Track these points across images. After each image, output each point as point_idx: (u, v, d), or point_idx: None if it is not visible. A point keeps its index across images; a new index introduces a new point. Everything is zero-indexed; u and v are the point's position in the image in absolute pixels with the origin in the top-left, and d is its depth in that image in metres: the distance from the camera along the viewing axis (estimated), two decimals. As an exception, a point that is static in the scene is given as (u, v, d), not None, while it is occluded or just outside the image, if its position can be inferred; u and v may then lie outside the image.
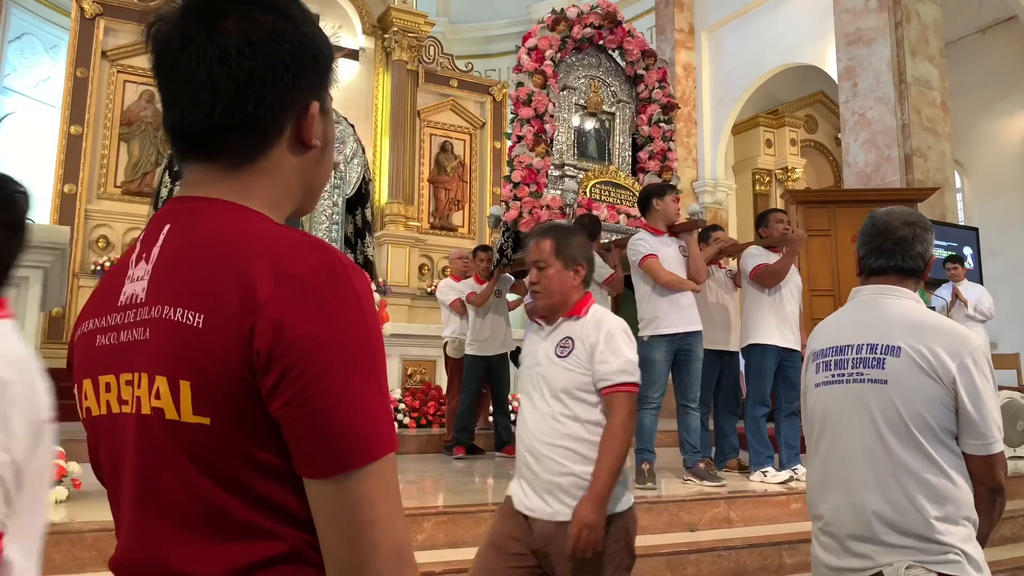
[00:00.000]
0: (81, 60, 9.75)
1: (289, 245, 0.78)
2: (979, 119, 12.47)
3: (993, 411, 1.63)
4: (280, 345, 0.73)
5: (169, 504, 0.79)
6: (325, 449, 0.74)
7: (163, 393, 0.77)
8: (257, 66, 0.83)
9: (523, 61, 6.11)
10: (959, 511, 1.63)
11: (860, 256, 1.86)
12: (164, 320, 0.78)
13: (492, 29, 14.74)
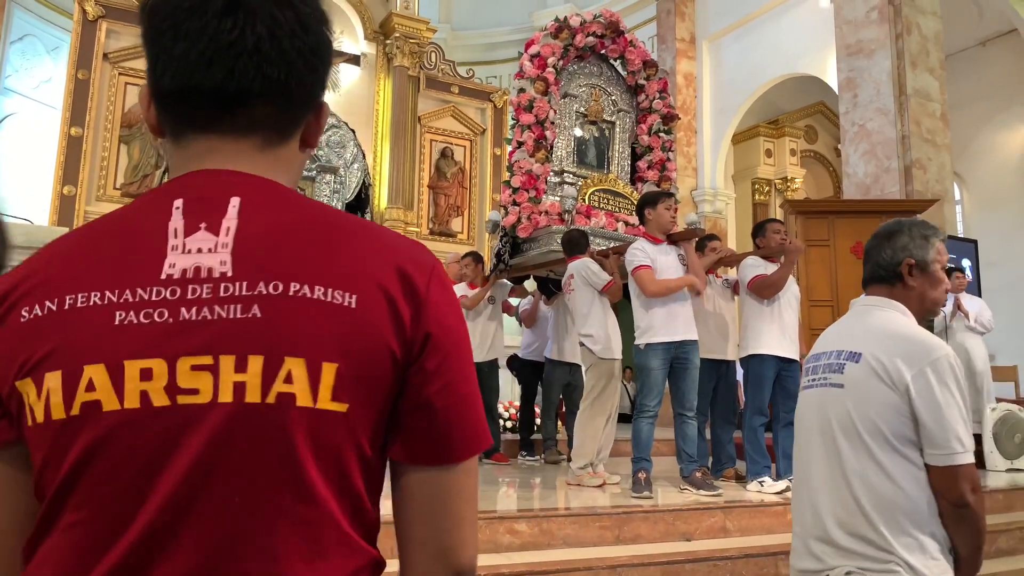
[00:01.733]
0: (82, 62, 9.76)
1: (401, 236, 0.82)
2: (979, 131, 12.50)
3: (952, 421, 1.59)
4: (442, 331, 0.76)
5: (268, 509, 0.70)
6: (466, 432, 0.78)
7: (298, 376, 0.70)
8: (306, 47, 0.80)
9: (525, 67, 6.12)
10: (908, 521, 1.61)
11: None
12: (294, 298, 0.72)
13: (494, 36, 14.78)
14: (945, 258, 1.84)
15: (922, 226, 1.84)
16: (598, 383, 4.92)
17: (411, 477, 0.78)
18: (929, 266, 1.81)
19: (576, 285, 5.00)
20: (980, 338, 7.29)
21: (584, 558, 3.41)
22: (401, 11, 11.62)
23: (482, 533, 3.42)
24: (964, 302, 7.32)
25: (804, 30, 10.57)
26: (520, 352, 6.74)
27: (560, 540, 3.58)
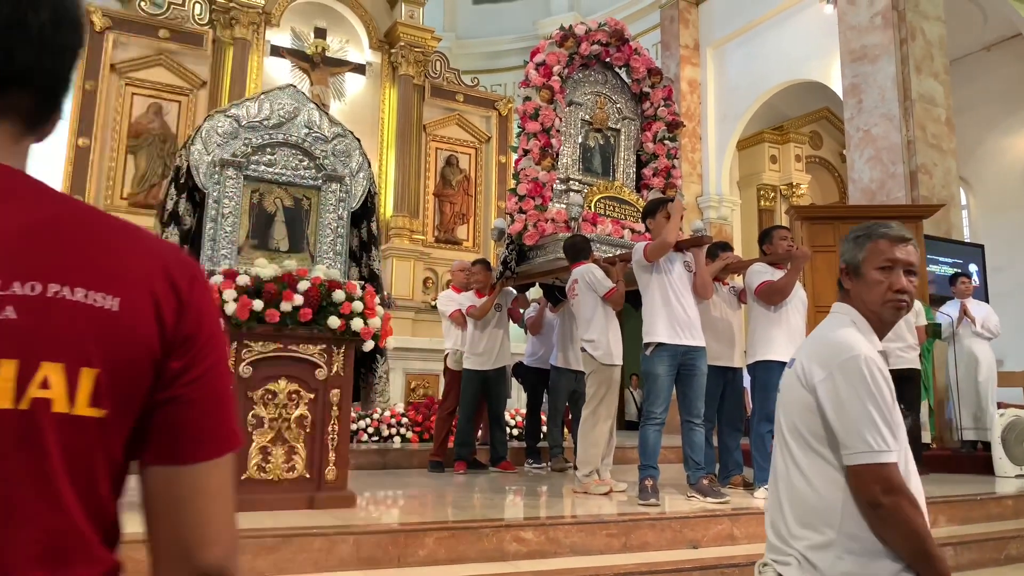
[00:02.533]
0: (90, 73, 9.82)
1: (162, 240, 0.82)
2: (984, 136, 12.48)
3: (858, 421, 1.61)
4: (202, 334, 0.77)
5: (14, 518, 0.67)
6: (219, 428, 0.78)
7: (55, 382, 0.68)
8: (76, 40, 0.78)
9: (531, 76, 6.14)
10: (818, 519, 1.64)
11: None
12: (53, 300, 0.69)
13: (498, 44, 14.83)
14: (889, 256, 1.77)
15: (863, 228, 1.85)
16: (600, 389, 4.91)
17: (158, 476, 0.76)
18: (859, 268, 1.81)
19: (580, 290, 5.01)
20: (987, 343, 7.27)
21: (591, 566, 3.40)
22: (406, 20, 11.67)
23: (488, 541, 3.42)
24: (971, 307, 7.30)
25: (808, 36, 10.58)
26: (525, 360, 6.74)
27: (567, 548, 3.57)
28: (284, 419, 3.73)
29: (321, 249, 4.18)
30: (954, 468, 6.71)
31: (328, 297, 3.80)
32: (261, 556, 3.02)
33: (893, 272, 1.77)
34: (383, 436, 7.18)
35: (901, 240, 1.80)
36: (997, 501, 5.06)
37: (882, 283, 1.77)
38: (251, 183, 4.10)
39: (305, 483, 3.74)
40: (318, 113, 4.34)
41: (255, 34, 10.94)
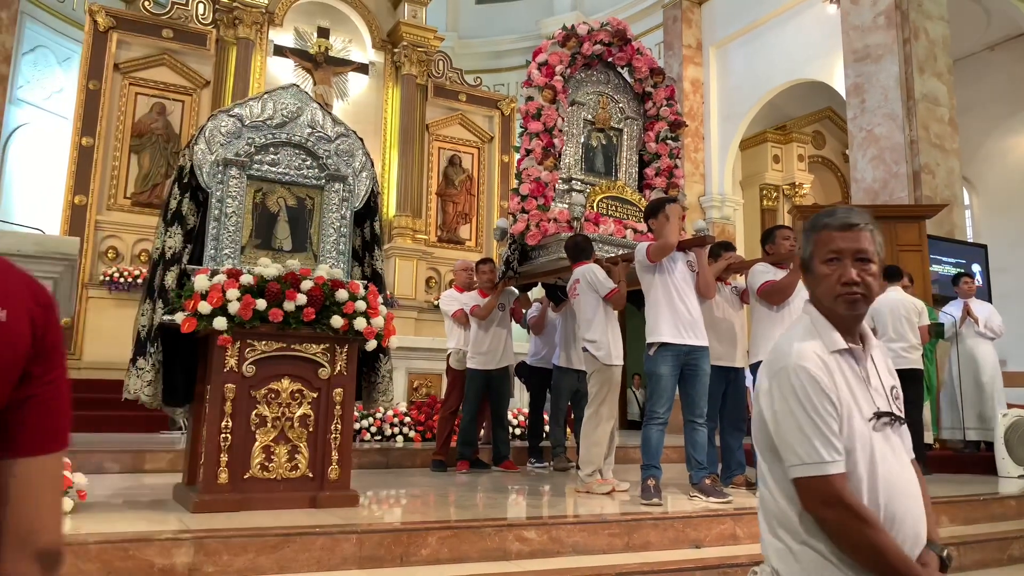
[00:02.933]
0: (94, 72, 9.85)
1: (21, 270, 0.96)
2: (988, 136, 12.46)
3: (787, 434, 1.57)
4: (56, 349, 0.91)
5: None
6: (62, 423, 0.93)
7: None
8: None
9: (533, 76, 6.14)
10: (781, 528, 1.64)
11: None
12: None
13: (501, 44, 14.83)
14: (833, 247, 1.65)
15: (810, 219, 1.77)
16: (602, 389, 4.92)
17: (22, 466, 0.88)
18: (810, 263, 1.72)
19: (581, 290, 5.01)
20: (990, 344, 7.26)
21: (593, 565, 3.40)
22: (409, 20, 11.69)
23: (491, 540, 3.42)
24: (974, 308, 7.29)
25: (811, 36, 10.57)
26: (528, 359, 6.74)
27: (569, 547, 3.58)
28: (287, 418, 3.74)
29: (324, 249, 4.19)
30: (957, 468, 6.70)
31: (331, 296, 3.80)
32: (264, 555, 3.02)
33: (840, 263, 1.64)
34: (386, 435, 7.19)
35: (845, 227, 1.65)
36: (1000, 501, 5.06)
37: (830, 276, 1.65)
38: (254, 183, 4.11)
39: (308, 482, 3.75)
40: (321, 113, 4.35)
41: (258, 34, 10.95)
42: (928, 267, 7.97)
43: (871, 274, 1.65)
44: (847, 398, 1.60)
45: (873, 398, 1.63)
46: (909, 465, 1.66)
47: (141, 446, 5.78)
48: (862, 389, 1.63)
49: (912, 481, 1.64)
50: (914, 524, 1.61)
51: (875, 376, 1.67)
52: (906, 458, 1.66)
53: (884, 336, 6.61)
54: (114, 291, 9.55)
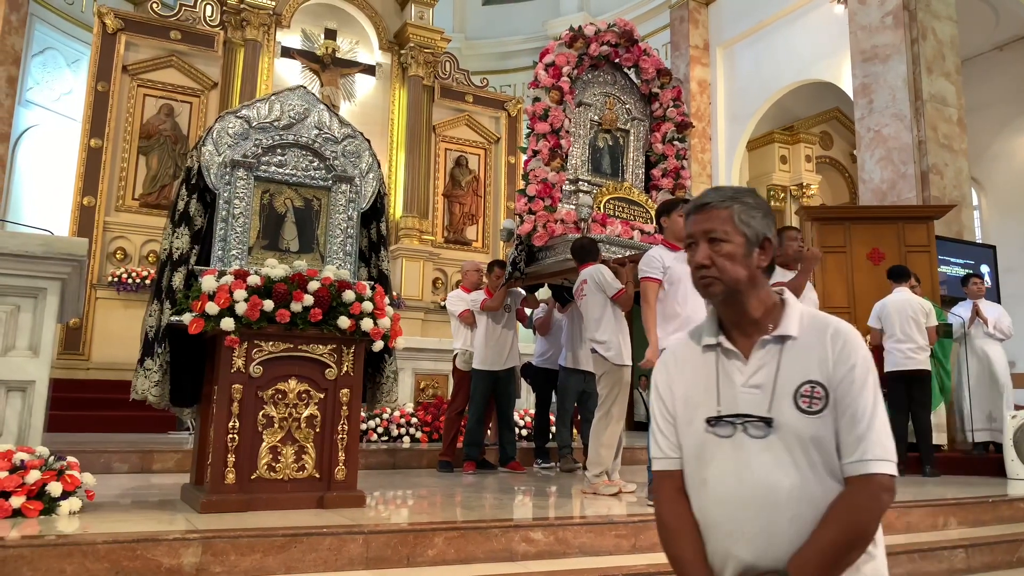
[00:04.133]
0: (102, 74, 9.89)
1: None
2: (996, 136, 12.40)
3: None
4: None
5: None
6: None
7: None
8: None
9: (540, 77, 6.14)
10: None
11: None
12: None
13: (507, 45, 14.84)
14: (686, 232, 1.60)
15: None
16: (613, 390, 4.91)
17: None
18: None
19: (588, 291, 5.01)
20: (999, 345, 7.22)
21: (600, 567, 3.40)
22: (416, 21, 11.70)
23: (497, 541, 3.42)
24: (983, 308, 7.25)
25: (818, 36, 10.55)
26: (534, 360, 6.74)
27: (576, 548, 3.57)
28: (294, 419, 3.75)
29: (331, 249, 4.20)
30: (966, 470, 6.67)
31: (338, 297, 3.81)
32: (271, 555, 3.03)
33: (693, 247, 1.57)
34: (392, 436, 7.20)
35: (693, 210, 1.58)
36: (1009, 503, 5.03)
37: (691, 263, 1.58)
38: (261, 184, 4.12)
39: (315, 483, 3.75)
40: (328, 114, 4.36)
41: (266, 35, 10.99)
42: (936, 268, 7.94)
43: (724, 254, 1.52)
44: (695, 398, 1.54)
45: (735, 398, 1.49)
46: (762, 474, 1.44)
47: (149, 446, 5.80)
48: (725, 388, 1.51)
49: (756, 494, 1.44)
50: (728, 539, 1.46)
51: (757, 374, 1.49)
52: (761, 467, 1.44)
53: (892, 337, 6.59)
54: (122, 292, 9.59)
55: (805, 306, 1.59)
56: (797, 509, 1.42)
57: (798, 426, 1.44)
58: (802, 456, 1.44)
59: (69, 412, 7.05)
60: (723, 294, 1.53)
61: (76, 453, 3.82)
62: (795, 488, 1.42)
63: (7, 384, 3.61)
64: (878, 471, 1.41)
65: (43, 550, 2.76)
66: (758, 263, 1.55)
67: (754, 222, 1.55)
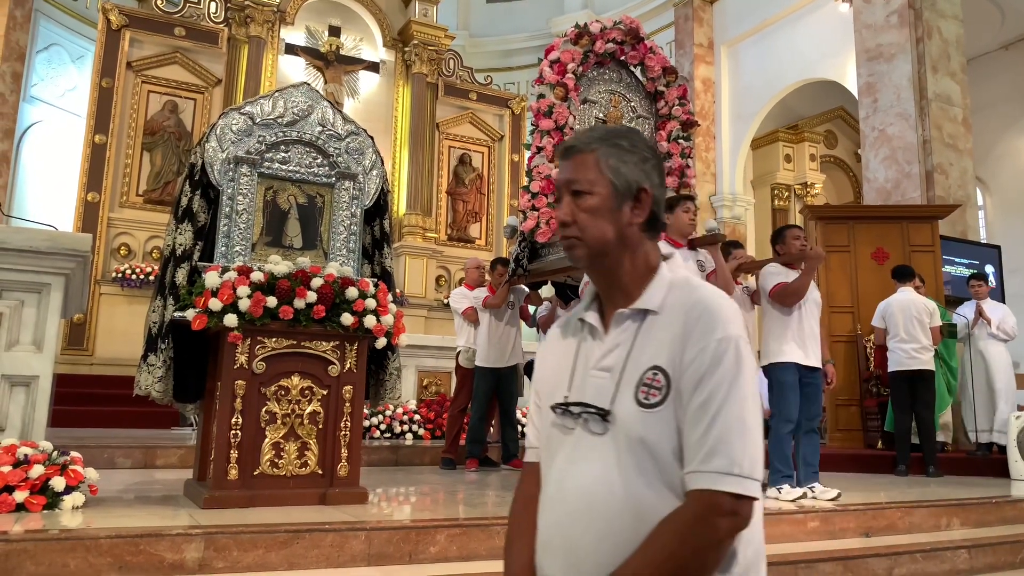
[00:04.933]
0: (106, 70, 9.90)
1: None
2: (1001, 136, 12.36)
3: None
4: None
5: None
6: None
7: None
8: None
9: (545, 73, 6.13)
10: None
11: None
12: None
13: (511, 43, 14.82)
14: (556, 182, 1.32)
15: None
16: None
17: None
18: None
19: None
20: (1003, 345, 7.20)
21: (602, 565, 3.40)
22: (420, 18, 11.69)
23: (500, 539, 3.41)
24: (987, 309, 7.23)
25: (823, 35, 10.52)
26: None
27: (578, 546, 3.57)
28: (297, 415, 3.75)
29: (334, 246, 4.20)
30: (969, 471, 6.66)
31: (341, 294, 3.81)
32: (273, 551, 3.03)
33: (558, 203, 1.30)
34: (395, 433, 7.20)
35: (563, 154, 1.31)
36: (1012, 504, 5.02)
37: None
38: (265, 180, 4.12)
39: (317, 479, 3.75)
40: (332, 111, 4.36)
41: (270, 32, 10.98)
42: (940, 268, 7.93)
43: (586, 208, 1.24)
44: (553, 380, 1.30)
45: (584, 383, 1.23)
46: (582, 480, 1.19)
47: (152, 442, 5.81)
48: (580, 370, 1.26)
49: (571, 503, 1.20)
50: (541, 551, 1.24)
51: (610, 355, 1.22)
52: (585, 471, 1.20)
53: (895, 337, 6.58)
54: (126, 288, 9.60)
55: (685, 274, 1.29)
56: (611, 526, 1.14)
57: (630, 422, 1.15)
58: (630, 460, 1.15)
59: (73, 407, 7.07)
60: (587, 258, 1.26)
61: (79, 448, 3.82)
62: (613, 500, 1.14)
63: (11, 379, 3.62)
64: (715, 487, 1.09)
65: (46, 544, 2.76)
66: (630, 219, 1.24)
67: (626, 168, 1.25)
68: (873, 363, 7.65)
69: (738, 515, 1.10)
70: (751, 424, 1.12)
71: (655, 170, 1.28)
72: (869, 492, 5.12)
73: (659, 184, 1.28)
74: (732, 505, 1.09)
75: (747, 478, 1.10)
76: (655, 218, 1.28)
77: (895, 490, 5.35)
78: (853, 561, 3.81)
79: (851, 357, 7.82)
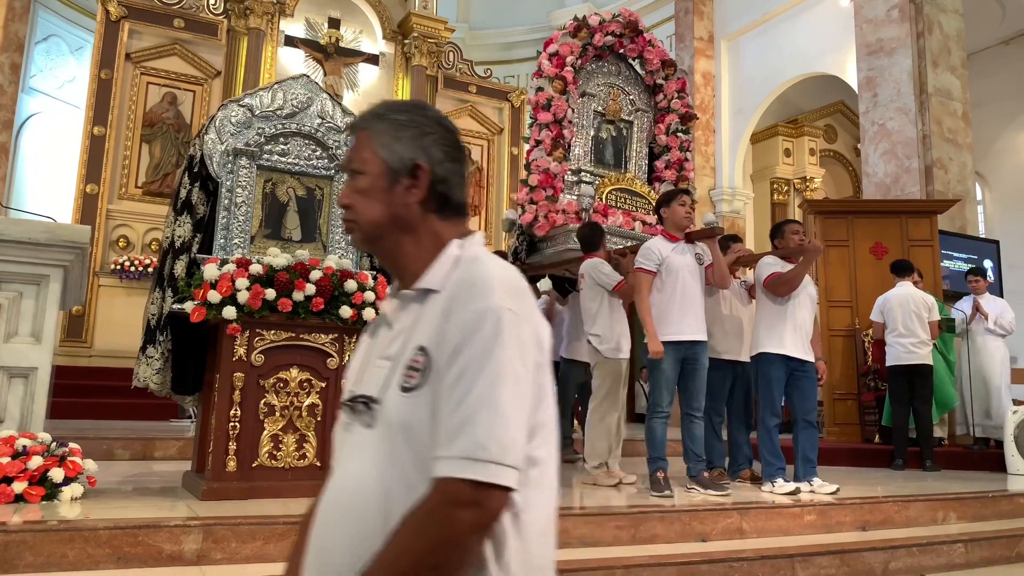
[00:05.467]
0: (105, 62, 9.86)
1: None
2: (1001, 131, 12.36)
3: None
4: None
5: None
6: None
7: None
8: None
9: (544, 66, 6.12)
10: None
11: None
12: None
13: (511, 35, 14.78)
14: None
15: None
16: (604, 382, 4.92)
17: None
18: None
19: (585, 284, 5.02)
20: (1000, 340, 7.21)
21: (600, 557, 3.41)
22: (419, 11, 11.65)
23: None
24: (985, 304, 7.24)
25: (823, 29, 10.49)
26: (536, 351, 6.74)
27: (576, 539, 3.59)
28: (295, 407, 3.76)
29: (333, 239, 4.20)
30: (966, 465, 6.68)
31: (340, 287, 3.82)
32: (272, 543, 3.04)
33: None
34: (393, 426, 7.21)
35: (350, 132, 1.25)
36: (1009, 499, 5.04)
37: None
38: (264, 173, 4.12)
39: (316, 471, 3.76)
40: (331, 103, 4.35)
41: (269, 24, 10.95)
42: (939, 262, 7.93)
43: (358, 190, 1.17)
44: (351, 379, 1.21)
45: (365, 376, 1.15)
46: (341, 478, 1.12)
47: (151, 433, 5.82)
48: (368, 364, 1.17)
49: (329, 503, 1.13)
50: (310, 551, 1.14)
51: (394, 342, 1.12)
52: (347, 469, 1.11)
53: (894, 331, 6.59)
54: (125, 280, 9.59)
55: (477, 251, 1.15)
56: (364, 525, 1.03)
57: (393, 410, 1.06)
58: (387, 452, 1.05)
59: (71, 399, 7.07)
60: (362, 242, 1.18)
61: (78, 440, 3.83)
62: (366, 497, 1.04)
63: (10, 370, 3.62)
64: (454, 474, 0.96)
65: (45, 535, 2.77)
66: (405, 198, 1.14)
67: (400, 144, 1.15)
68: (871, 357, 7.67)
69: (481, 506, 0.96)
70: (505, 402, 0.98)
71: (437, 144, 1.17)
72: (866, 486, 5.14)
73: (442, 159, 1.16)
74: (473, 495, 0.95)
75: (494, 463, 0.95)
76: (442, 196, 1.16)
77: (892, 484, 5.37)
78: (850, 555, 3.83)
79: (849, 351, 7.83)
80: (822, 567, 3.73)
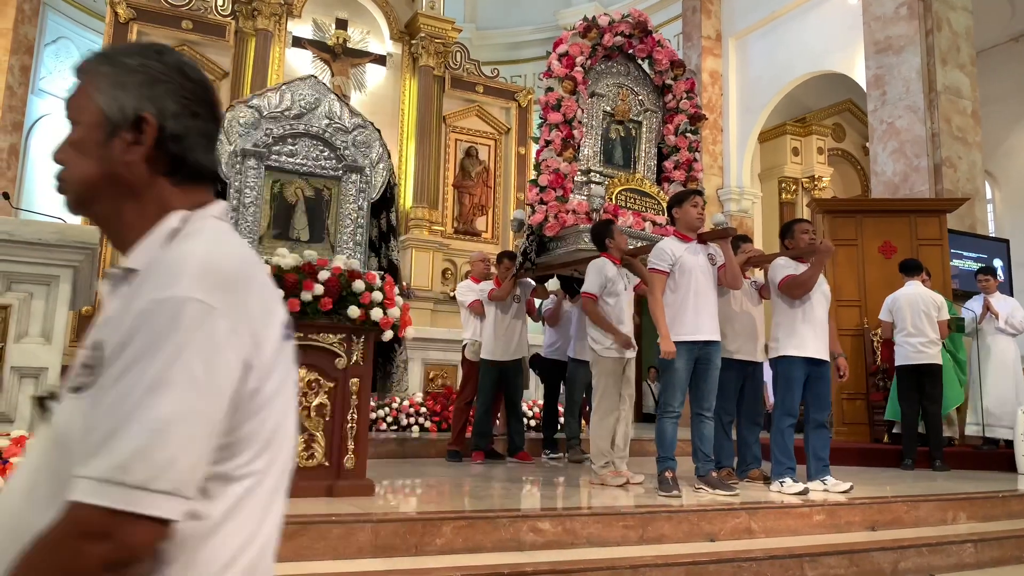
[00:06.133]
0: (114, 63, 9.91)
1: None
2: (1011, 129, 12.28)
3: None
4: None
5: None
6: None
7: None
8: None
9: (554, 67, 6.12)
10: None
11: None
12: None
13: (518, 35, 14.79)
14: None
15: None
16: (600, 380, 4.93)
17: None
18: None
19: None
20: (1011, 339, 7.17)
21: (608, 557, 3.41)
22: (427, 11, 11.66)
23: (505, 531, 3.43)
24: (995, 303, 7.20)
25: (831, 27, 10.46)
26: (543, 351, 6.75)
27: (584, 539, 3.58)
28: (304, 408, 3.77)
29: (341, 239, 4.21)
30: (976, 465, 6.64)
31: (348, 287, 3.82)
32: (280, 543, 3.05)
33: None
34: (402, 425, 7.22)
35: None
36: (1019, 498, 5.01)
37: None
38: (272, 173, 4.13)
39: (324, 471, 3.77)
40: (339, 104, 4.37)
41: (277, 25, 10.98)
42: (948, 261, 7.89)
43: (71, 143, 0.99)
44: None
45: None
46: (11, 483, 0.95)
47: (160, 434, 5.83)
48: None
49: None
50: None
51: (100, 328, 0.94)
52: (13, 478, 0.96)
53: (903, 331, 6.56)
54: (134, 280, 9.65)
55: (203, 224, 0.97)
56: (3, 549, 0.87)
57: (58, 413, 0.93)
58: (43, 463, 0.91)
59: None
60: (73, 204, 1.00)
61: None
62: (7, 516, 0.90)
63: (20, 370, 3.64)
64: (83, 499, 0.79)
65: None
66: (125, 156, 0.96)
67: (122, 91, 0.97)
68: (880, 357, 7.64)
69: (114, 540, 0.78)
70: (167, 413, 0.81)
71: (172, 95, 0.98)
72: (875, 486, 5.12)
73: (178, 112, 0.97)
74: (105, 525, 0.78)
75: (138, 488, 0.79)
76: (175, 157, 0.98)
77: (901, 484, 5.35)
78: (859, 555, 3.81)
79: (858, 351, 7.80)
80: (831, 567, 3.72)
